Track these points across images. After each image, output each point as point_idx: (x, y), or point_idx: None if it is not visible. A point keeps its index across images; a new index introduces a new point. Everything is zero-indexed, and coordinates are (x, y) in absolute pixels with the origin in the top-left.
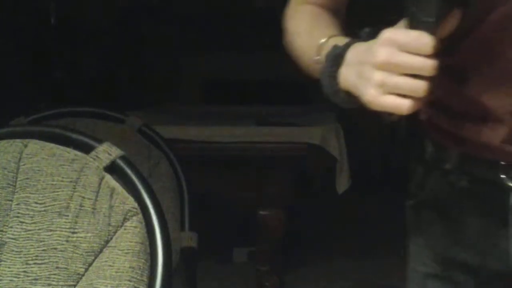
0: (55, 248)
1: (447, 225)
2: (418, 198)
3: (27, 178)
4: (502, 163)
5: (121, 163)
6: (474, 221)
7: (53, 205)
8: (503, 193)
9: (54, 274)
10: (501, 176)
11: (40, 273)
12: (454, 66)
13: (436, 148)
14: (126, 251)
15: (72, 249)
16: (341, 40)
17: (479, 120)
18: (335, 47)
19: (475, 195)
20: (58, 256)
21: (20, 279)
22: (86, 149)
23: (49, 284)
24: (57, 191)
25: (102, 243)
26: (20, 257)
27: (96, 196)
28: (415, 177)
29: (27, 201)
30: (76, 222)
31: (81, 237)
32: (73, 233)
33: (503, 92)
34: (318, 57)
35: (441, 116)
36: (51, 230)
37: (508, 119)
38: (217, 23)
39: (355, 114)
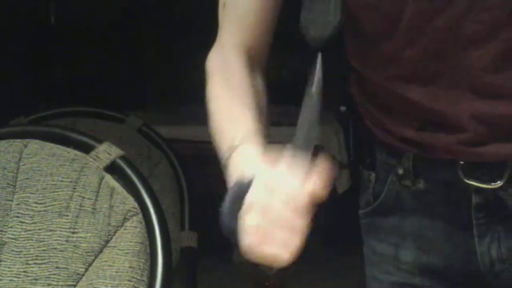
0: (55, 248)
1: (407, 230)
2: (374, 206)
3: (27, 178)
4: (461, 162)
5: (121, 163)
6: (436, 224)
7: (53, 205)
8: (463, 193)
9: (54, 274)
10: (461, 175)
11: (40, 273)
12: (405, 76)
13: (387, 154)
14: (126, 251)
15: (72, 249)
16: (252, 155)
17: (439, 126)
18: (240, 183)
19: (433, 197)
20: (58, 256)
21: (20, 279)
22: (86, 149)
23: (49, 284)
24: (57, 191)
25: (102, 243)
26: (20, 257)
27: (96, 196)
28: (370, 185)
29: (27, 201)
30: (76, 222)
31: (81, 237)
32: (73, 233)
33: (461, 98)
34: (226, 158)
35: (394, 123)
36: (51, 230)
37: (470, 123)
38: (217, 23)
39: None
